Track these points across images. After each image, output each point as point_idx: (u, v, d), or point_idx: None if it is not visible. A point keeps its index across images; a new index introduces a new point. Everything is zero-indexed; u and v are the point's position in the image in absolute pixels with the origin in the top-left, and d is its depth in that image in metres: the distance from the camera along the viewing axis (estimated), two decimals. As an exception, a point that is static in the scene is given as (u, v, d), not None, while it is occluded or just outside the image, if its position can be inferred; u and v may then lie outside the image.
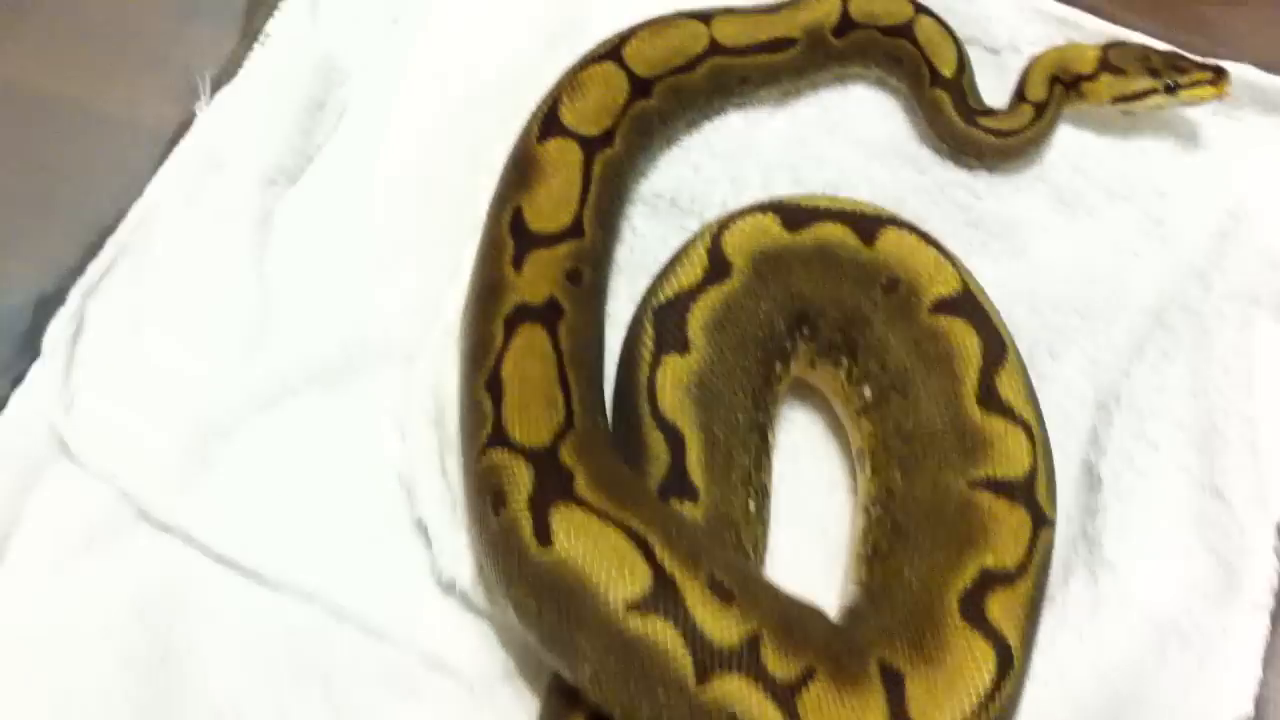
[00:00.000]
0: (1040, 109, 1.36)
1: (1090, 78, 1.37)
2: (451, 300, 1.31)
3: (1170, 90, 1.34)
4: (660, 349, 1.18)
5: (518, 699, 1.18)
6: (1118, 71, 1.35)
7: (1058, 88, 1.37)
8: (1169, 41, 1.42)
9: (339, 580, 1.22)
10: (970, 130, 1.36)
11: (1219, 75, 1.33)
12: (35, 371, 1.28)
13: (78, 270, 1.32)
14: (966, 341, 1.17)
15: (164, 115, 1.40)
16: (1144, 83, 1.34)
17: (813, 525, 1.25)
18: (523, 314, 1.18)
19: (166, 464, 1.25)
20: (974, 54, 1.41)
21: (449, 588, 1.21)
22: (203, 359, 1.30)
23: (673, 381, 1.16)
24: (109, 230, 1.35)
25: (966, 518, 1.11)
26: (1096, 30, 1.43)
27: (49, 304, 1.29)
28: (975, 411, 1.15)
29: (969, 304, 1.19)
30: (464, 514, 1.19)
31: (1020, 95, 1.38)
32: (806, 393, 1.29)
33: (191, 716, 1.17)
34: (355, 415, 1.30)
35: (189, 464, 1.25)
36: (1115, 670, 1.15)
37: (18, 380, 1.28)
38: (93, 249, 1.33)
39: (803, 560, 1.21)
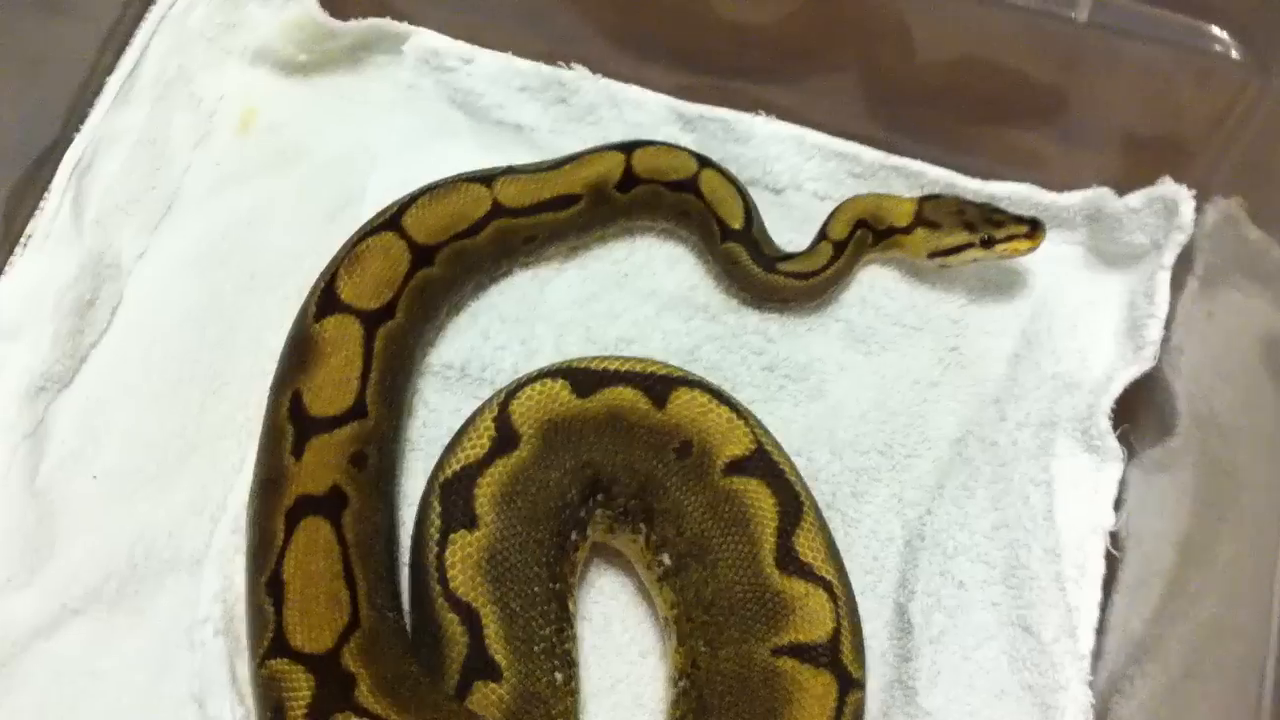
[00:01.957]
0: (840, 247, 1.35)
1: (906, 231, 1.36)
2: (237, 497, 1.26)
3: (986, 244, 1.33)
4: (448, 526, 1.13)
5: None
6: (933, 226, 1.35)
7: (861, 231, 1.36)
8: (945, 165, 1.43)
9: None
10: (771, 278, 1.35)
11: (1035, 228, 1.32)
12: None
13: None
14: (762, 502, 1.15)
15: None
16: (960, 237, 1.34)
17: (626, 694, 1.22)
18: (305, 506, 1.14)
19: None
20: (757, 195, 1.40)
21: None
22: None
23: (462, 558, 1.12)
24: None
25: (771, 688, 1.08)
26: (874, 161, 1.43)
27: None
28: (774, 575, 1.12)
29: (763, 463, 1.17)
30: None
31: (822, 234, 1.37)
32: (612, 557, 1.26)
33: None
34: (143, 629, 1.24)
35: None
36: None
37: None
38: None
39: (620, 731, 1.17)
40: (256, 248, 1.44)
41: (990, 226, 1.33)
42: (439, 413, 1.33)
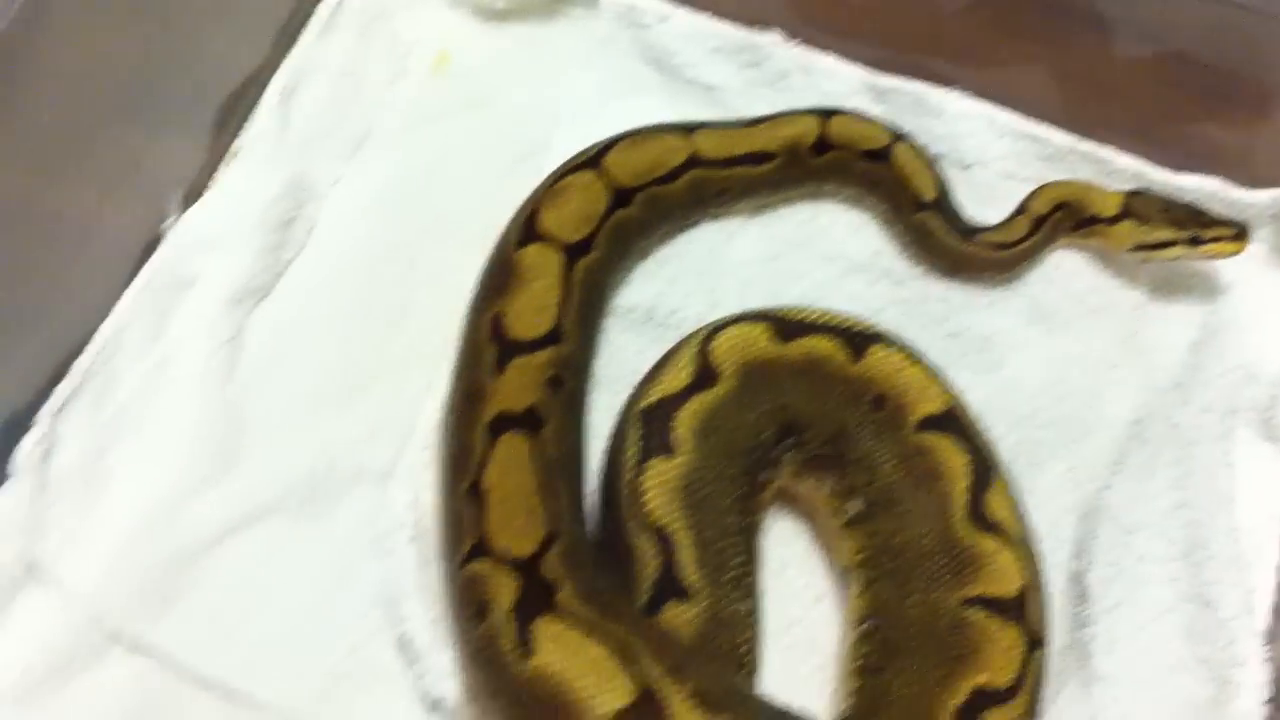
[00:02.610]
0: (1038, 223, 1.37)
1: (1111, 222, 1.37)
2: (426, 417, 1.29)
3: (1194, 243, 1.34)
4: (646, 452, 1.16)
5: None
6: (1140, 219, 1.36)
7: (1062, 213, 1.38)
8: (1134, 154, 1.45)
9: (318, 700, 1.19)
10: (967, 247, 1.37)
11: (1241, 233, 1.33)
12: (4, 494, 1.24)
13: (46, 391, 1.29)
14: (954, 460, 1.17)
15: (132, 232, 1.38)
16: (1167, 233, 1.35)
17: (800, 636, 1.23)
18: (504, 422, 1.16)
19: (137, 586, 1.22)
20: (943, 170, 1.42)
21: (435, 706, 1.18)
22: (174, 481, 1.27)
23: (659, 484, 1.15)
24: (77, 350, 1.32)
25: (958, 635, 1.10)
26: (1063, 145, 1.45)
27: (17, 425, 1.26)
28: (965, 529, 1.14)
29: (955, 422, 1.19)
30: (446, 630, 1.17)
31: (1022, 209, 1.38)
32: (789, 505, 1.28)
33: None
34: (330, 535, 1.27)
35: (160, 586, 1.22)
36: None
37: (-17, 505, 1.24)
38: (61, 369, 1.30)
39: (793, 672, 1.19)
40: (443, 187, 1.47)
41: (1198, 226, 1.34)
42: (624, 352, 1.35)
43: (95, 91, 1.32)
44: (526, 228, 1.29)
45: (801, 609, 1.25)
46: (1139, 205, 1.37)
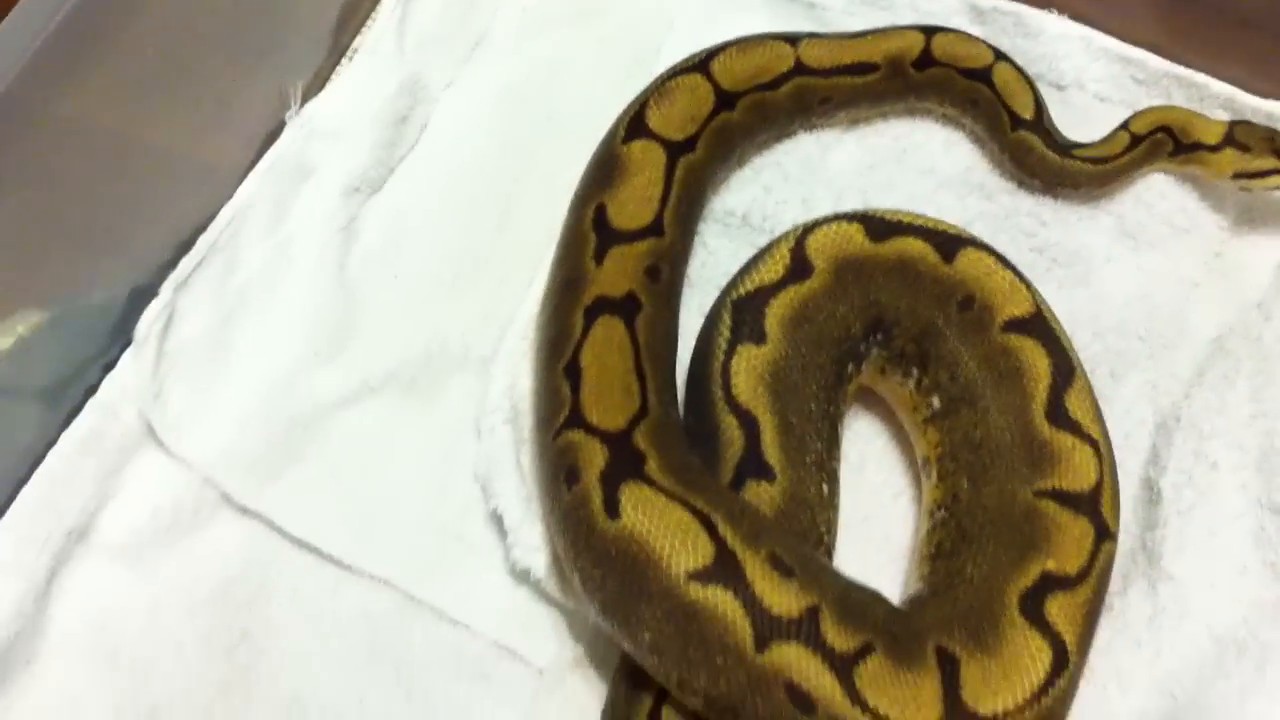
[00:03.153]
0: (1136, 141, 1.40)
1: (1214, 149, 1.39)
2: (527, 307, 1.36)
3: None
4: (737, 338, 1.21)
5: (586, 686, 1.21)
6: (1243, 148, 1.38)
7: (1161, 135, 1.40)
8: (1229, 82, 1.47)
9: (414, 568, 1.26)
10: (1067, 162, 1.40)
11: None
12: (126, 359, 1.33)
13: (170, 265, 1.37)
14: (1036, 360, 1.20)
15: (256, 122, 1.46)
16: (1270, 163, 1.37)
17: (876, 530, 1.28)
18: (602, 306, 1.22)
19: (250, 452, 1.29)
20: (1040, 90, 1.46)
21: (523, 577, 1.24)
22: (291, 356, 1.35)
23: (748, 369, 1.20)
24: (201, 228, 1.40)
25: (1031, 524, 1.14)
26: (1159, 69, 1.48)
27: (142, 296, 1.35)
28: (1044, 426, 1.18)
29: (1040, 325, 1.23)
30: (538, 507, 1.23)
31: (1123, 126, 1.41)
32: (869, 405, 1.33)
33: (269, 694, 1.21)
34: (433, 414, 1.34)
35: (272, 453, 1.30)
36: (1172, 677, 1.18)
37: (109, 366, 1.33)
38: (185, 246, 1.38)
39: (867, 563, 1.22)
40: (553, 94, 1.53)
41: None
42: (717, 255, 1.40)
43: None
44: (633, 124, 1.35)
45: (879, 504, 1.30)
46: (1242, 133, 1.39)
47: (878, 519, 1.29)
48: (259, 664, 1.21)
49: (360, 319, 1.38)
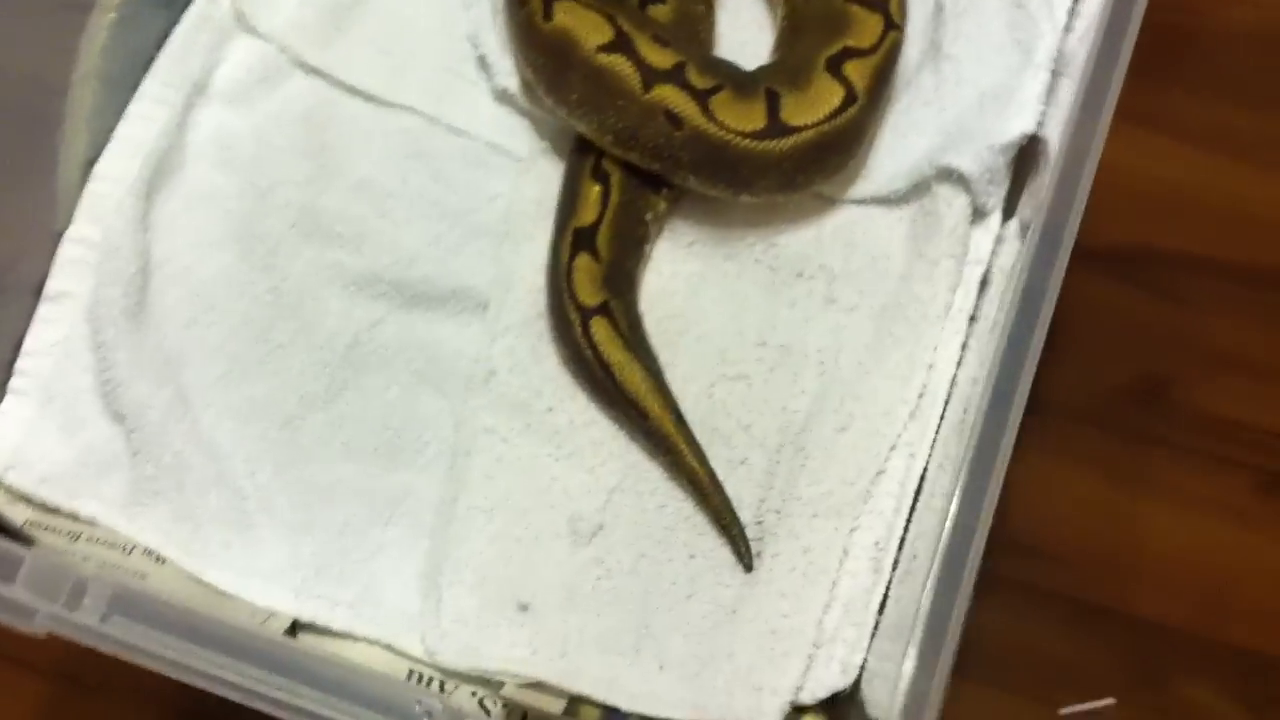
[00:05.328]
0: None
1: None
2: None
3: None
4: None
5: (551, 166, 1.68)
6: None
7: None
8: None
9: (432, 97, 1.75)
10: None
11: None
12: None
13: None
14: None
15: None
16: None
17: (749, 50, 1.79)
18: None
19: (315, 22, 1.78)
20: None
21: (503, 96, 1.74)
22: None
23: None
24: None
25: (840, 19, 1.64)
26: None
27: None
28: None
29: None
30: (509, 46, 1.74)
31: None
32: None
33: (346, 180, 1.73)
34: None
35: (325, 25, 1.79)
36: (950, 122, 1.67)
37: (203, -21, 1.85)
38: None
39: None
40: None
41: None
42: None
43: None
44: None
45: (749, 34, 1.80)
46: None
47: (751, 45, 1.79)
48: (334, 160, 1.73)
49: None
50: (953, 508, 1.23)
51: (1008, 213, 1.67)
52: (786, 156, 1.56)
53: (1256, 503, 1.94)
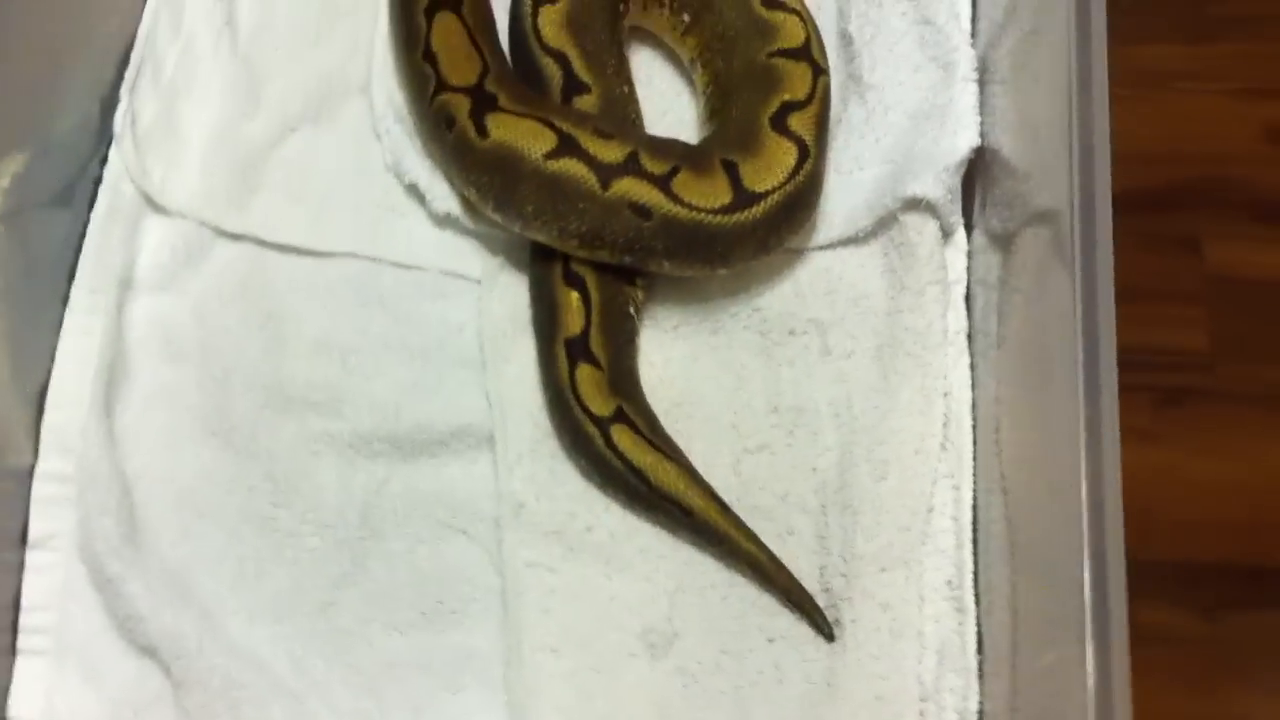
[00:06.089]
0: None
1: None
2: (381, 27, 1.81)
3: None
4: (537, 2, 1.69)
5: (514, 281, 1.66)
6: None
7: None
8: None
9: (366, 238, 1.71)
10: None
11: None
12: (113, 152, 1.77)
13: (119, 78, 1.81)
14: None
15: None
16: None
17: (671, 118, 1.79)
18: (435, 6, 1.69)
19: (224, 190, 1.72)
20: None
21: (445, 220, 1.70)
22: (224, 113, 1.76)
23: (550, 21, 1.67)
24: (130, 43, 1.83)
25: (769, 75, 1.64)
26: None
27: (108, 105, 1.79)
28: (761, 9, 1.68)
29: None
30: (436, 165, 1.70)
31: None
32: (645, 39, 1.83)
33: (300, 348, 1.66)
34: (344, 130, 1.78)
35: (241, 185, 1.73)
36: (887, 150, 1.68)
37: (103, 161, 1.77)
38: (124, 61, 1.82)
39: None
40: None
41: None
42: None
43: None
44: None
45: (666, 102, 1.81)
46: None
47: (672, 111, 1.80)
48: (284, 327, 1.66)
49: (266, 76, 1.80)
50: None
51: (967, 227, 1.69)
52: (759, 224, 1.55)
53: (1161, 420, 1.97)
